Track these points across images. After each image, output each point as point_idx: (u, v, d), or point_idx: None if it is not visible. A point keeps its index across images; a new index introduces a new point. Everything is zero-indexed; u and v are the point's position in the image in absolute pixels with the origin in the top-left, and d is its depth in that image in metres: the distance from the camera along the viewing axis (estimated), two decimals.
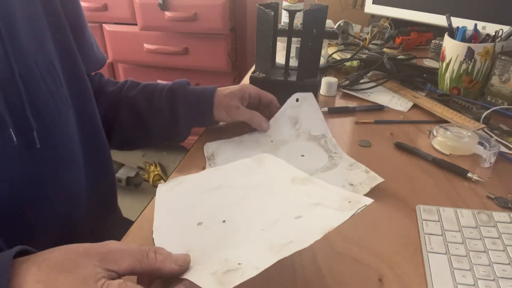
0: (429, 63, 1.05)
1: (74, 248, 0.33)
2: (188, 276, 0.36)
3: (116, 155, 1.10)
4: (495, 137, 0.67)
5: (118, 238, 0.49)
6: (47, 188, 0.47)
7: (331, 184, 0.46)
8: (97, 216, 0.60)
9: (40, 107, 0.45)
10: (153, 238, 0.41)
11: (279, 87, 0.75)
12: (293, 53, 0.85)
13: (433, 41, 1.16)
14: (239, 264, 0.37)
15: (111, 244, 0.34)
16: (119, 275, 0.33)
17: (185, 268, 0.36)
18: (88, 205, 0.56)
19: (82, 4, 0.84)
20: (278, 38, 0.78)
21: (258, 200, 0.48)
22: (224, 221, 0.45)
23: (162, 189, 0.50)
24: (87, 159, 0.55)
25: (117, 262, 0.33)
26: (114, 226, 0.68)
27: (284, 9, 0.85)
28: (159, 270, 0.34)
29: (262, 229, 0.42)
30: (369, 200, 0.41)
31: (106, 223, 0.66)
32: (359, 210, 0.39)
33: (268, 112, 0.70)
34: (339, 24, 1.22)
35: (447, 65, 0.82)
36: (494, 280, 0.39)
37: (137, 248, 0.34)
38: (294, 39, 0.77)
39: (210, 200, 0.48)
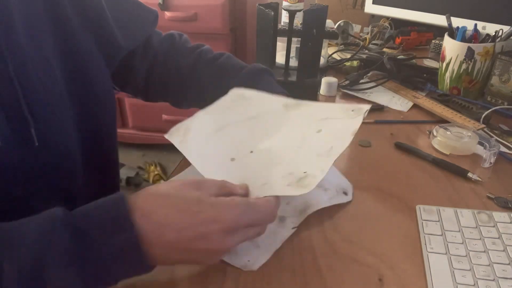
0: (429, 63, 1.05)
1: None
2: (268, 193, 0.41)
3: None
4: (495, 137, 0.67)
5: None
6: (42, 187, 0.47)
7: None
8: None
9: (34, 104, 0.45)
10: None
11: None
12: (293, 53, 0.85)
13: (433, 41, 1.16)
14: (304, 172, 0.43)
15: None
16: None
17: (247, 193, 0.43)
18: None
19: None
20: (278, 38, 0.78)
21: (266, 128, 0.52)
22: (252, 152, 0.49)
23: (176, 141, 0.50)
24: (86, 160, 0.54)
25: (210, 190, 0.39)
26: None
27: (284, 9, 0.85)
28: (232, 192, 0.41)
29: (298, 147, 0.48)
30: (367, 106, 0.48)
31: None
32: (366, 113, 0.47)
33: None
34: (339, 24, 1.22)
35: (447, 65, 0.82)
36: (494, 280, 0.39)
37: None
38: (294, 39, 0.77)
39: (223, 140, 0.51)
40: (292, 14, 0.76)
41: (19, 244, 0.34)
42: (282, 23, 1.02)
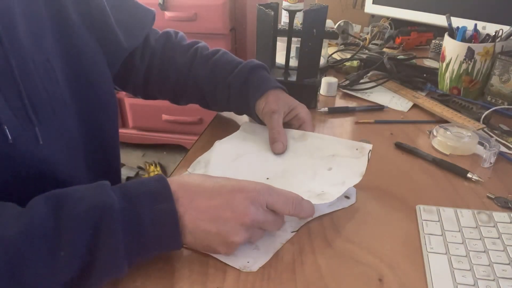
0: (429, 63, 1.05)
1: None
2: None
3: None
4: (495, 137, 0.67)
5: None
6: (46, 184, 0.47)
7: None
8: None
9: (37, 104, 0.45)
10: None
11: None
12: (293, 53, 0.85)
13: (433, 41, 1.16)
14: (322, 191, 0.48)
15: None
16: None
17: None
18: None
19: None
20: (278, 38, 0.78)
21: (278, 158, 0.57)
22: (268, 178, 0.53)
23: (198, 172, 0.55)
24: (89, 160, 0.54)
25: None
26: None
27: (284, 9, 0.85)
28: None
29: (312, 178, 0.52)
30: (369, 145, 0.54)
31: None
32: (369, 154, 0.53)
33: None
34: (339, 24, 1.22)
35: (447, 65, 0.82)
36: (494, 280, 0.39)
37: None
38: (294, 39, 0.77)
39: (240, 168, 0.55)
40: (292, 14, 0.76)
41: (75, 208, 0.37)
42: (282, 23, 1.02)
